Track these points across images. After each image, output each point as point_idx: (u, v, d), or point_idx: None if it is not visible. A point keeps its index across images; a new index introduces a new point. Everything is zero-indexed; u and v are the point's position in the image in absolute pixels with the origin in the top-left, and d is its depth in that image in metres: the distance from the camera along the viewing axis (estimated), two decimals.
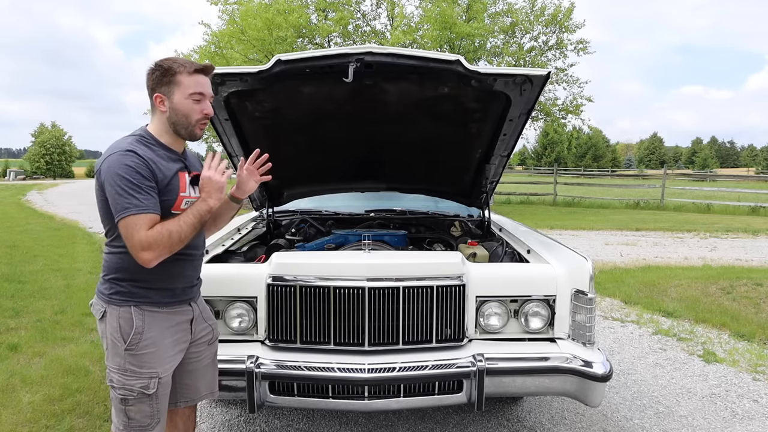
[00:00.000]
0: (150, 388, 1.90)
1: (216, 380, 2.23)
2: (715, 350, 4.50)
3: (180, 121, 1.91)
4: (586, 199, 19.50)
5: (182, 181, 1.94)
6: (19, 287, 6.25)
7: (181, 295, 2.00)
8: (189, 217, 1.86)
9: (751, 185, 26.20)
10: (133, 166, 1.78)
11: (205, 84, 1.92)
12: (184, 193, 1.94)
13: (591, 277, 2.52)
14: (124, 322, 1.88)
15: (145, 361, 1.90)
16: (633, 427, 3.20)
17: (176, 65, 1.88)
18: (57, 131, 48.58)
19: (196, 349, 2.11)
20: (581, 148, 70.89)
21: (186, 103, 1.88)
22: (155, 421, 1.96)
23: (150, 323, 1.91)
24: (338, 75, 2.64)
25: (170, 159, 1.93)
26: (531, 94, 2.83)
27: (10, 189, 27.51)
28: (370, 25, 18.24)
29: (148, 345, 1.90)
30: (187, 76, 1.87)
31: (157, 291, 1.92)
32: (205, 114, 1.92)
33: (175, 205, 1.90)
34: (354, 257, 2.59)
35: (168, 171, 1.89)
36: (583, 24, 17.60)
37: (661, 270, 7.61)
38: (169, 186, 1.88)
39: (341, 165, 3.87)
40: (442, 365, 2.38)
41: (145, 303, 1.91)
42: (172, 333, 1.97)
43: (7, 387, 3.52)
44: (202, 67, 1.91)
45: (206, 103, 1.93)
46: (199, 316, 2.10)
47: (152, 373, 1.91)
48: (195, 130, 1.94)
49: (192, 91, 1.88)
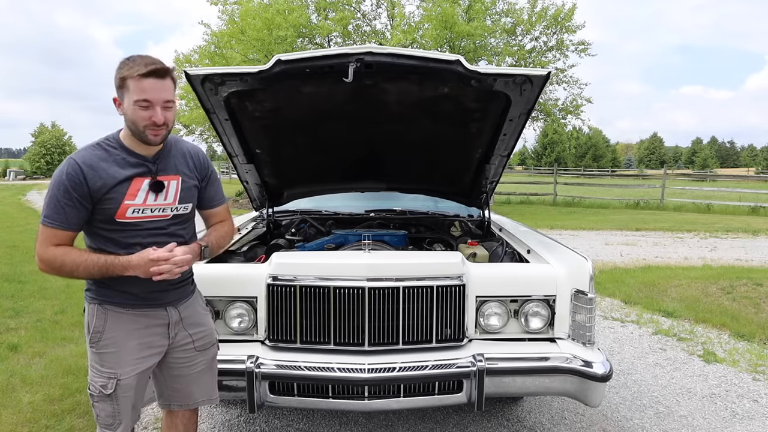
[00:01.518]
0: (108, 388, 1.90)
1: (214, 387, 2.20)
2: (715, 350, 4.50)
3: (131, 127, 1.83)
4: (586, 199, 19.49)
5: (133, 187, 1.85)
6: (19, 287, 6.25)
7: (149, 299, 1.94)
8: (92, 264, 1.80)
9: (751, 185, 26.20)
10: (65, 177, 1.78)
11: (155, 89, 1.77)
12: (132, 200, 1.84)
13: (591, 277, 2.52)
14: (90, 319, 1.92)
15: (105, 360, 1.90)
16: (633, 427, 3.20)
17: (126, 69, 1.77)
18: (57, 131, 48.53)
19: (181, 354, 2.06)
20: (581, 148, 70.92)
21: (132, 110, 1.78)
22: (117, 422, 1.94)
23: (112, 323, 1.90)
24: (338, 75, 2.63)
25: (128, 164, 1.86)
26: (531, 94, 2.83)
27: (10, 189, 27.50)
28: (370, 25, 18.26)
29: (109, 345, 1.90)
30: (135, 81, 1.75)
31: (118, 293, 1.90)
32: (153, 122, 1.79)
33: (118, 213, 1.83)
34: (354, 257, 2.59)
35: (112, 178, 1.81)
36: (584, 25, 17.61)
37: (661, 270, 7.61)
38: (110, 194, 1.82)
39: (341, 165, 3.87)
40: (442, 365, 2.38)
41: (108, 302, 1.91)
42: (138, 336, 1.93)
43: (7, 387, 3.52)
44: (151, 70, 1.75)
45: (154, 111, 1.78)
46: (178, 322, 2.02)
47: (110, 374, 1.90)
48: (146, 137, 1.82)
49: (137, 98, 1.76)
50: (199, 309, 2.15)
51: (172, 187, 1.94)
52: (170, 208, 1.94)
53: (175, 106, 1.89)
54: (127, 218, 1.85)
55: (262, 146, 3.46)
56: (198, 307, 2.14)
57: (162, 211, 1.92)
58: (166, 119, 1.82)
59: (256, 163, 3.56)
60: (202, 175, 2.09)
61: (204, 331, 2.12)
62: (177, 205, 1.96)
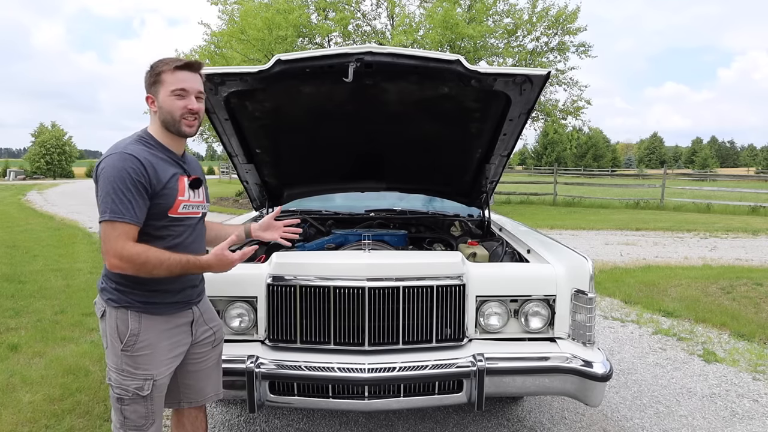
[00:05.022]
0: (144, 389, 1.91)
1: (221, 382, 2.24)
2: (715, 350, 4.51)
3: (167, 119, 1.90)
4: (586, 199, 19.49)
5: (181, 184, 1.93)
6: (19, 287, 6.25)
7: (181, 298, 1.99)
8: (175, 263, 1.84)
9: (751, 185, 26.20)
10: (128, 170, 1.78)
11: (189, 80, 1.89)
12: (183, 197, 1.92)
13: (591, 276, 2.52)
14: (122, 323, 1.89)
15: (140, 362, 1.90)
16: (633, 426, 3.20)
17: (161, 64, 1.88)
18: (57, 131, 48.53)
19: (198, 350, 2.10)
20: (581, 148, 71.01)
21: (168, 100, 1.87)
22: (150, 422, 1.96)
23: (147, 326, 1.91)
24: (338, 75, 2.63)
25: (168, 162, 1.92)
26: (531, 93, 2.83)
27: (10, 189, 27.51)
28: (370, 25, 18.24)
29: (144, 347, 1.90)
30: (170, 73, 1.87)
31: (155, 293, 1.91)
32: (189, 109, 1.89)
33: (172, 209, 1.90)
34: (354, 257, 2.59)
35: (165, 174, 1.88)
36: (585, 28, 17.59)
37: (661, 270, 7.61)
38: (166, 189, 1.87)
39: (341, 165, 3.87)
40: (442, 365, 2.38)
41: (142, 306, 1.91)
42: (169, 336, 1.97)
43: (7, 387, 3.52)
44: (185, 63, 1.89)
45: (190, 99, 1.89)
46: (200, 318, 2.09)
47: (147, 375, 1.91)
48: (181, 127, 1.91)
49: (173, 88, 1.86)
50: (210, 305, 2.23)
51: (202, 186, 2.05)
52: (202, 206, 2.05)
53: (204, 101, 1.97)
54: (179, 213, 1.92)
55: (262, 146, 3.46)
56: (209, 303, 2.22)
57: (197, 208, 2.01)
58: (199, 108, 1.93)
59: (256, 163, 3.56)
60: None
61: (218, 326, 2.20)
62: (205, 203, 2.07)
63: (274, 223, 2.44)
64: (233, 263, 1.93)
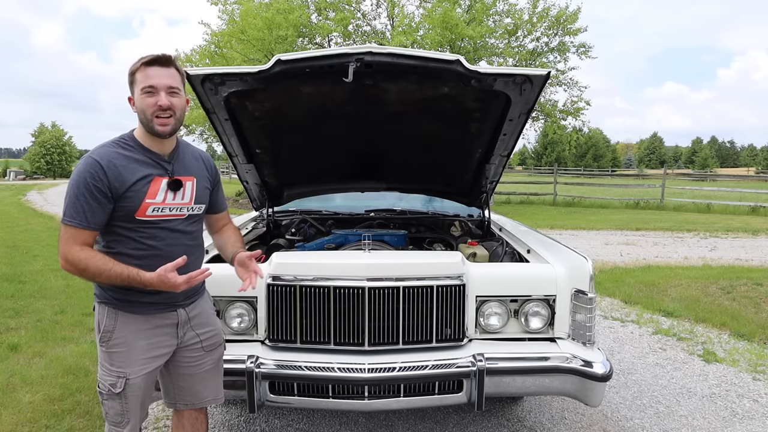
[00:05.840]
0: (117, 387, 1.91)
1: (220, 387, 2.22)
2: (715, 350, 4.51)
3: (141, 119, 1.87)
4: (586, 199, 19.49)
5: (153, 186, 1.87)
6: (19, 287, 6.25)
7: (161, 299, 1.95)
8: (116, 275, 1.80)
9: (751, 185, 26.19)
10: (85, 175, 1.79)
11: (157, 75, 1.82)
12: (153, 199, 1.87)
13: (591, 276, 2.52)
14: (101, 318, 1.93)
15: (114, 359, 1.92)
16: (633, 426, 3.20)
17: (135, 63, 1.85)
18: (57, 131, 48.54)
19: (189, 354, 2.08)
20: (581, 148, 71.05)
21: (140, 99, 1.84)
22: (125, 421, 1.96)
23: (123, 323, 1.91)
24: (338, 75, 2.63)
25: (146, 163, 1.88)
26: (531, 93, 2.83)
27: (10, 189, 27.50)
28: (370, 25, 18.25)
29: (118, 344, 1.91)
30: (141, 71, 1.83)
31: (129, 292, 1.89)
32: (158, 106, 1.82)
33: (139, 211, 1.85)
34: (354, 257, 2.59)
35: (132, 176, 1.83)
36: (585, 29, 17.60)
37: (661, 270, 7.61)
38: (130, 192, 1.83)
39: (341, 165, 3.87)
40: (442, 365, 2.38)
41: (118, 303, 1.91)
42: (147, 336, 1.94)
43: (7, 387, 3.52)
44: (153, 58, 1.83)
45: (159, 96, 1.82)
46: (187, 322, 2.04)
47: (120, 373, 1.91)
48: (154, 126, 1.84)
49: (143, 86, 1.82)
50: (208, 309, 2.17)
51: (188, 187, 1.98)
52: (187, 208, 1.98)
53: (182, 94, 1.91)
54: (147, 216, 1.87)
55: (262, 146, 3.46)
56: (207, 308, 2.16)
57: (179, 210, 1.95)
58: (172, 104, 1.85)
59: (256, 163, 3.56)
60: (213, 180, 2.15)
61: (212, 331, 2.14)
62: (192, 205, 2.00)
63: (248, 264, 2.10)
64: (177, 287, 1.81)
